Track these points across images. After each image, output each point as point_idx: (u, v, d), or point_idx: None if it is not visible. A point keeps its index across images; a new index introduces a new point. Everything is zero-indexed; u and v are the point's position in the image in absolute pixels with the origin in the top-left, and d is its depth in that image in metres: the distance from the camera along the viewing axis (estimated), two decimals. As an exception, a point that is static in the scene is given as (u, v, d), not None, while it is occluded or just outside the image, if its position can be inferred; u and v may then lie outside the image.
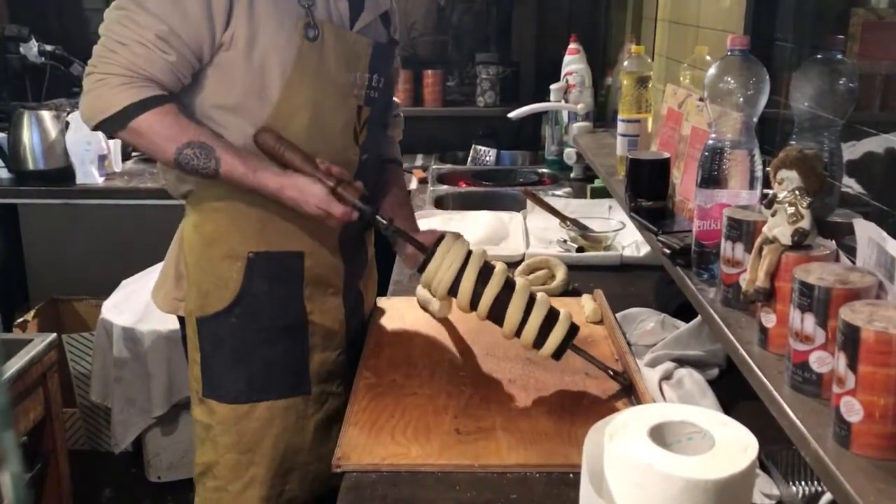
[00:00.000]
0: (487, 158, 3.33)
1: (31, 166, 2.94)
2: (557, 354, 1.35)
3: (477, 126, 3.43)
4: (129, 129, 1.30)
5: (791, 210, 1.08)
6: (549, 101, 2.90)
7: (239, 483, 1.45)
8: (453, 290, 1.34)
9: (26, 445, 2.17)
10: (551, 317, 1.34)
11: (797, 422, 0.96)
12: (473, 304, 1.34)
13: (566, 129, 2.94)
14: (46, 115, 2.95)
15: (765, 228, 1.12)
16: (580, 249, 2.10)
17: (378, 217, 1.39)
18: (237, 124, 1.36)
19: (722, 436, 0.80)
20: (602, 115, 2.92)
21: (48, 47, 3.21)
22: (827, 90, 1.31)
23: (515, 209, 2.45)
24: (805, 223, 1.07)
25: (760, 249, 1.12)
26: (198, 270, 1.44)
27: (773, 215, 1.11)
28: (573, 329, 1.36)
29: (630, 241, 2.10)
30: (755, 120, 1.32)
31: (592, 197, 2.58)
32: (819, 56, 1.32)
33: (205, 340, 1.45)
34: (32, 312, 2.85)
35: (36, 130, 2.92)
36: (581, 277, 1.92)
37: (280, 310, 1.44)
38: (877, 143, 1.31)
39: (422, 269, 1.38)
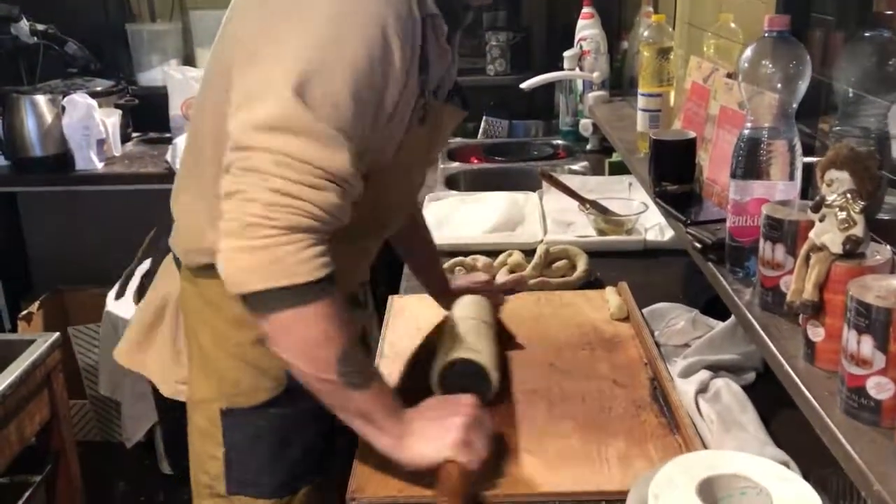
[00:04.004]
0: (499, 130, 3.21)
1: (28, 153, 2.84)
2: None
3: (488, 96, 3.30)
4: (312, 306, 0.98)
5: (842, 215, 0.97)
6: (562, 68, 2.77)
7: None
8: None
9: (34, 447, 2.13)
10: None
11: (855, 456, 0.87)
12: None
13: (581, 98, 2.82)
14: (41, 99, 2.84)
15: (812, 234, 1.02)
16: (600, 233, 1.99)
17: None
18: None
19: (781, 494, 0.71)
20: (618, 83, 2.78)
21: (40, 26, 3.09)
22: (874, 72, 1.19)
23: (531, 188, 2.34)
24: (858, 230, 0.97)
25: (807, 257, 1.02)
26: (223, 356, 1.17)
27: (820, 220, 1.00)
28: None
29: (653, 224, 2.00)
30: (795, 106, 1.20)
31: (611, 172, 2.47)
32: (866, 34, 1.21)
33: (234, 435, 1.20)
34: (37, 304, 2.78)
35: (31, 116, 2.81)
36: (602, 265, 1.82)
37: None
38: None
39: None
